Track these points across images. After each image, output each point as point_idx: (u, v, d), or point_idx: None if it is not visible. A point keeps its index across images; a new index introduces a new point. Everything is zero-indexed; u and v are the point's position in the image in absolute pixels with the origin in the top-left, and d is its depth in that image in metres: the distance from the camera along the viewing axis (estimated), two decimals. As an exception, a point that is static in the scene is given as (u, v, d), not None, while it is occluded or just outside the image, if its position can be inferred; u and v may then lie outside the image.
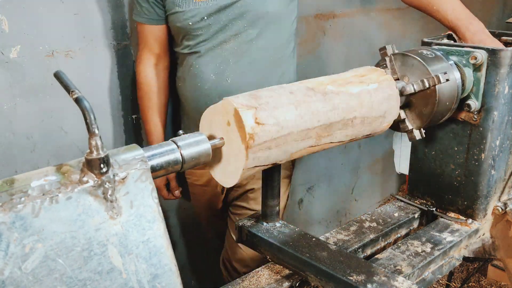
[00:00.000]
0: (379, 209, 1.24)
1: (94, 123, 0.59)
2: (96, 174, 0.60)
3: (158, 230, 0.65)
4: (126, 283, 0.62)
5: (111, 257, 0.61)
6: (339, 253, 0.93)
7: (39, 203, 0.56)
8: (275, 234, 1.00)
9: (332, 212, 2.83)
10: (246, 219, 1.07)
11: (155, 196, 0.65)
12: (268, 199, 1.02)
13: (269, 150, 0.82)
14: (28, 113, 1.44)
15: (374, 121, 0.96)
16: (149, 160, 0.69)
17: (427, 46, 1.13)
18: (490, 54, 1.03)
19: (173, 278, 0.66)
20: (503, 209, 1.18)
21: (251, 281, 1.00)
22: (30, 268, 0.55)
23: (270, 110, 0.81)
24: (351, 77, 0.96)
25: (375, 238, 1.12)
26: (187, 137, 0.77)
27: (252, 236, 1.03)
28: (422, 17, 2.96)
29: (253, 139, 0.78)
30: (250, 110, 0.79)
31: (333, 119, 0.89)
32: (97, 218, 0.60)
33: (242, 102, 0.79)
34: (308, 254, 0.92)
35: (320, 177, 2.63)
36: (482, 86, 1.06)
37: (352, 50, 2.50)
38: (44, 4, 1.40)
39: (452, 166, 1.17)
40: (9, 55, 1.37)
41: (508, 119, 1.11)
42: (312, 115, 0.86)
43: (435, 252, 1.06)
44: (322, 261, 0.90)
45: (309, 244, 0.96)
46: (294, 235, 0.99)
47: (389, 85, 0.98)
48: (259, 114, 0.79)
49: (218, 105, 0.82)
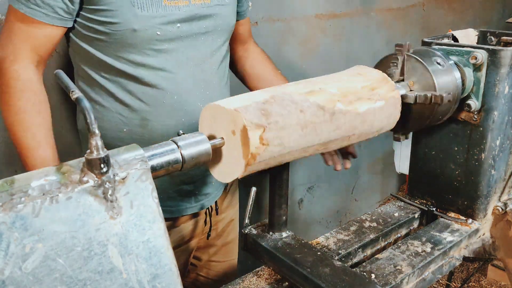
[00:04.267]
0: (379, 209, 1.24)
1: (94, 123, 0.59)
2: (96, 174, 0.60)
3: (158, 230, 0.65)
4: (126, 283, 0.62)
5: (111, 257, 0.61)
6: (342, 270, 0.91)
7: (39, 203, 0.56)
8: (279, 245, 1.00)
9: (332, 212, 2.83)
10: (253, 227, 1.07)
11: (155, 196, 0.65)
12: (275, 208, 1.01)
13: (266, 163, 0.82)
14: (28, 113, 1.44)
15: (370, 135, 0.97)
16: (149, 160, 0.70)
17: (427, 46, 1.13)
18: (490, 54, 1.03)
19: (173, 278, 0.66)
20: (503, 209, 1.18)
21: (251, 281, 1.00)
22: (30, 268, 0.55)
23: (277, 130, 0.80)
24: (362, 88, 0.93)
25: (375, 238, 1.12)
26: (187, 137, 0.77)
27: (256, 245, 1.02)
28: (422, 17, 2.97)
29: (254, 159, 0.78)
30: (259, 129, 0.77)
31: (333, 137, 0.89)
32: (97, 218, 0.60)
33: (252, 120, 0.77)
34: (309, 269, 0.91)
35: (320, 177, 2.63)
36: (482, 86, 1.06)
37: (352, 50, 2.50)
38: (44, 4, 1.40)
39: (452, 166, 1.17)
40: (9, 55, 1.36)
41: (508, 119, 1.11)
42: (316, 135, 0.85)
43: (435, 252, 1.06)
44: (322, 278, 0.89)
45: (313, 258, 0.95)
46: (299, 247, 0.98)
47: (395, 103, 0.96)
48: (266, 135, 0.78)
49: (228, 110, 0.78)
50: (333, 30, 2.38)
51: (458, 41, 1.23)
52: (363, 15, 2.52)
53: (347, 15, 2.43)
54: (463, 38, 1.24)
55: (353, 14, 2.44)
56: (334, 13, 2.34)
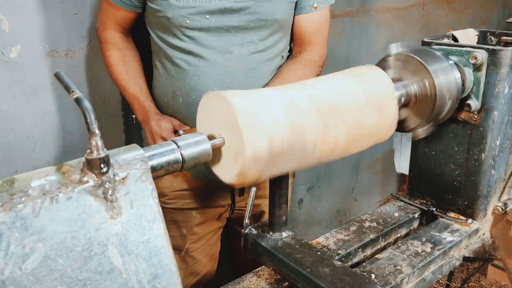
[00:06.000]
0: (379, 209, 1.24)
1: (94, 123, 0.59)
2: (97, 174, 0.60)
3: (158, 230, 0.65)
4: (126, 283, 0.62)
5: (111, 257, 0.61)
6: (342, 270, 0.91)
7: (40, 203, 0.56)
8: (279, 245, 1.00)
9: (332, 212, 2.83)
10: (253, 227, 1.07)
11: (155, 196, 0.65)
12: (275, 208, 1.01)
13: None
14: (28, 113, 1.44)
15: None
16: (149, 160, 0.69)
17: (427, 46, 1.13)
18: (490, 54, 1.03)
19: (173, 278, 0.66)
20: (503, 209, 1.18)
21: (251, 281, 1.00)
22: (31, 268, 0.55)
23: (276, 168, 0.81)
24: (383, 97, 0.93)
25: (375, 238, 1.12)
26: (187, 137, 0.77)
27: (256, 245, 1.02)
28: (422, 17, 2.97)
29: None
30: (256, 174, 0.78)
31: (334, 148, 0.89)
32: (98, 218, 0.60)
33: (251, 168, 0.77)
34: (309, 269, 0.91)
35: (320, 177, 2.63)
36: (482, 86, 1.06)
37: (352, 50, 2.50)
38: (44, 4, 1.41)
39: (452, 166, 1.17)
40: (9, 55, 1.37)
41: (508, 119, 1.11)
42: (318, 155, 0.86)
43: (435, 252, 1.06)
44: (322, 278, 0.89)
45: (313, 258, 0.95)
46: (299, 247, 0.98)
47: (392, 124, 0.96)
48: (262, 175, 0.79)
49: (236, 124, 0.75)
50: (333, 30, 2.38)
51: (458, 41, 1.23)
52: (363, 15, 2.52)
53: (347, 15, 2.43)
54: (463, 38, 1.24)
55: (353, 14, 2.44)
56: (334, 13, 2.34)
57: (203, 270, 1.65)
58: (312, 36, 1.45)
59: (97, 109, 1.59)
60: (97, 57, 1.55)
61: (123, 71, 1.42)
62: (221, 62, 1.32)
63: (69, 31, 1.47)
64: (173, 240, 1.58)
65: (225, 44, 1.31)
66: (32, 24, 1.39)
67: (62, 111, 1.50)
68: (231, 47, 1.31)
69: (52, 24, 1.43)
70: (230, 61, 1.33)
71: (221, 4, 1.26)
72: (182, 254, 1.59)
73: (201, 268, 1.64)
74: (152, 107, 1.42)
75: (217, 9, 1.27)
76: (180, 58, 1.33)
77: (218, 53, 1.31)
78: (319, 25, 1.45)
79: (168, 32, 1.32)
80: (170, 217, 1.54)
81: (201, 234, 1.59)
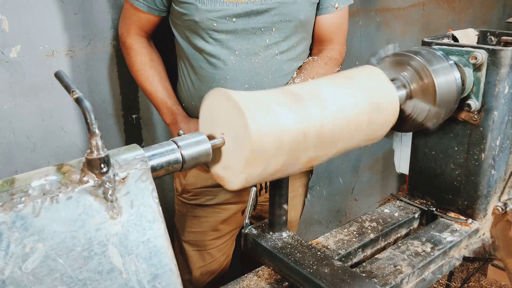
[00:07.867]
0: (379, 209, 1.24)
1: (95, 123, 0.59)
2: (97, 174, 0.60)
3: (158, 230, 0.65)
4: (126, 283, 0.62)
5: (112, 257, 0.61)
6: (342, 270, 0.91)
7: (40, 203, 0.56)
8: (279, 245, 1.00)
9: (332, 212, 2.83)
10: (253, 227, 1.07)
11: (155, 196, 0.65)
12: (275, 208, 1.01)
13: None
14: (28, 113, 1.44)
15: None
16: (149, 160, 0.69)
17: (427, 46, 1.13)
18: (490, 54, 1.03)
19: (173, 278, 0.66)
20: (503, 209, 1.18)
21: (251, 281, 1.00)
22: (31, 268, 0.55)
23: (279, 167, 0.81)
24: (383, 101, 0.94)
25: (375, 238, 1.12)
26: (187, 137, 0.77)
27: (256, 245, 1.02)
28: (422, 17, 2.97)
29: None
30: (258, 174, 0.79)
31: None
32: (98, 218, 0.60)
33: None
34: (309, 269, 0.91)
35: (320, 177, 2.63)
36: (482, 86, 1.06)
37: (352, 50, 2.50)
38: (44, 4, 1.40)
39: (452, 166, 1.17)
40: (9, 55, 1.37)
41: (508, 119, 1.11)
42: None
43: (435, 252, 1.06)
44: (322, 278, 0.89)
45: (313, 258, 0.95)
46: (299, 247, 0.99)
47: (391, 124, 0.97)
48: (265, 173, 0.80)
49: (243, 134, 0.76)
50: (333, 30, 2.38)
51: (458, 41, 1.23)
52: (363, 15, 2.52)
53: (347, 15, 2.43)
54: (463, 38, 1.24)
55: (353, 14, 2.44)
56: (334, 13, 2.33)
57: (219, 268, 1.66)
58: (333, 34, 1.49)
59: (97, 109, 1.59)
60: (97, 57, 1.55)
61: (150, 76, 1.44)
62: (247, 64, 1.34)
63: (69, 31, 1.47)
64: (194, 236, 1.60)
65: (250, 46, 1.33)
66: (32, 24, 1.39)
67: (62, 111, 1.50)
68: (257, 49, 1.34)
69: (52, 24, 1.43)
70: (256, 63, 1.35)
71: (248, 7, 1.28)
72: (202, 251, 1.61)
73: (218, 266, 1.65)
74: (181, 110, 1.44)
75: (244, 12, 1.29)
76: (207, 61, 1.36)
77: (244, 55, 1.34)
78: (339, 24, 1.49)
79: (195, 35, 1.34)
80: (192, 213, 1.56)
81: (224, 231, 1.60)
